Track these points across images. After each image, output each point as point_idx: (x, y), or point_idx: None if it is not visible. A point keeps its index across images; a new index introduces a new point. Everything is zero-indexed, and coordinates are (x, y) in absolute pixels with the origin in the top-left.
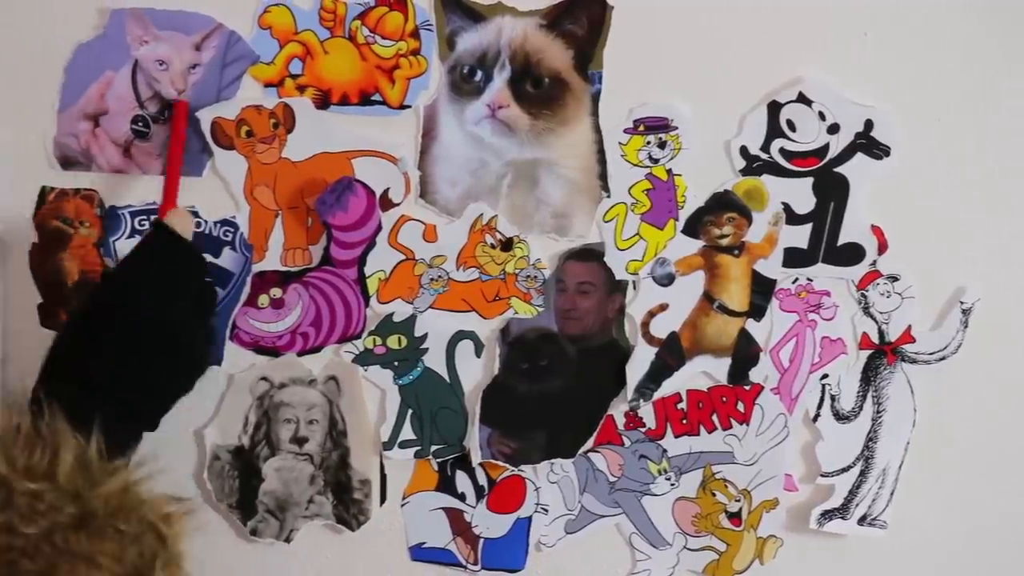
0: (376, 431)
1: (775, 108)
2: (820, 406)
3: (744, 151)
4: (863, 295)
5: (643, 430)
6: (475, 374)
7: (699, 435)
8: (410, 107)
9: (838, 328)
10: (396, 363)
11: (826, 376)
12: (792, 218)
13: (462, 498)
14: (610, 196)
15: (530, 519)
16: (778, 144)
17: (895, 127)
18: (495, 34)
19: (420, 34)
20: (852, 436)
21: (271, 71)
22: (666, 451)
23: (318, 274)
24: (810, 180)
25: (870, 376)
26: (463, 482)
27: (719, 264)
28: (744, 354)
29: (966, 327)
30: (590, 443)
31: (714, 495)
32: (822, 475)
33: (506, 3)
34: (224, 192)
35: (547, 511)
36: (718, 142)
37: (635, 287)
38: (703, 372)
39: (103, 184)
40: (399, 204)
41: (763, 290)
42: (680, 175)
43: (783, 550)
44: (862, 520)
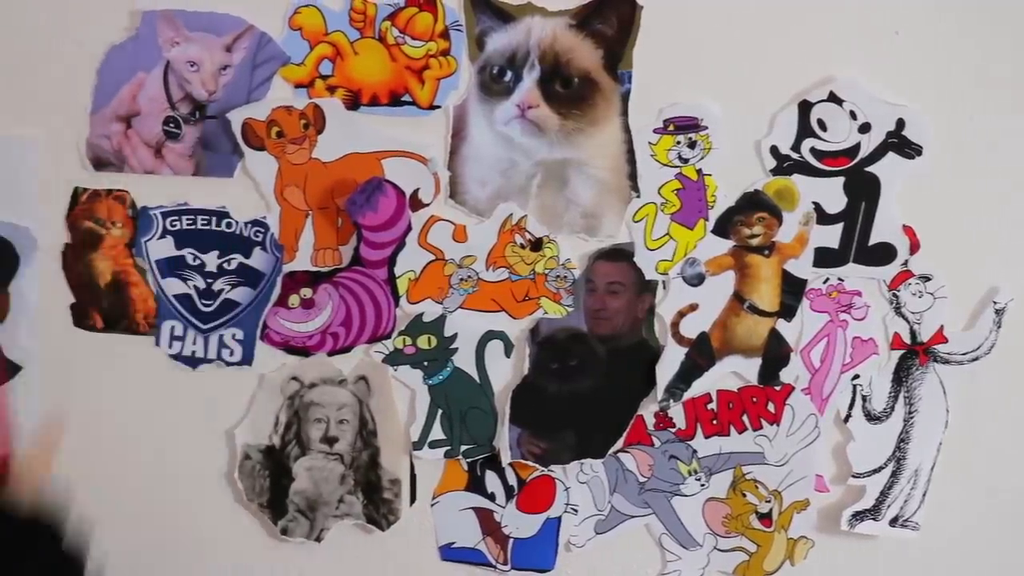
0: (406, 431)
1: (806, 107)
2: (851, 407)
3: (775, 151)
4: (895, 295)
5: (673, 430)
6: (505, 374)
7: (729, 435)
8: (440, 107)
9: (869, 328)
10: (426, 363)
11: (857, 376)
12: (823, 218)
13: (492, 498)
14: (640, 196)
15: (560, 519)
16: (809, 144)
17: (927, 126)
18: (524, 34)
19: (450, 34)
20: (884, 437)
21: (301, 72)
22: (696, 451)
23: (348, 274)
24: (841, 180)
25: (902, 376)
26: (493, 482)
27: (749, 264)
28: (774, 354)
29: (999, 327)
30: (620, 443)
31: (744, 496)
32: (853, 476)
33: (535, 3)
34: (254, 192)
35: (577, 511)
36: (748, 142)
37: (665, 287)
38: (733, 372)
39: (135, 185)
40: (429, 204)
41: (794, 290)
42: (710, 175)
43: (814, 551)
44: (894, 521)
